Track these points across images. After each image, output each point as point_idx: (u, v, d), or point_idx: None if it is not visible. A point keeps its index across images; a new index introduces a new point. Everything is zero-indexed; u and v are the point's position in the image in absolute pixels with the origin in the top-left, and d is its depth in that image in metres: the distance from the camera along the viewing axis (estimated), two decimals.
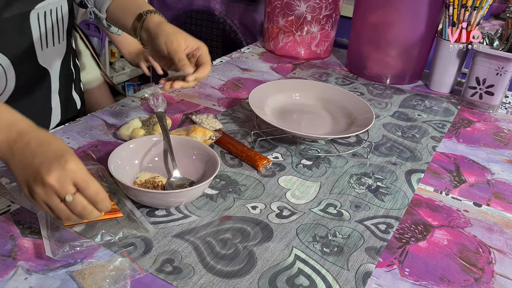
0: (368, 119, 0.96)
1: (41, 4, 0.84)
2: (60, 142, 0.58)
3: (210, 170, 0.74)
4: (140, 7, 0.87)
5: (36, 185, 0.55)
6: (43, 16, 0.85)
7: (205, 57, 0.82)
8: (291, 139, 0.96)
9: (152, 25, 0.83)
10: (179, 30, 0.83)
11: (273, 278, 0.62)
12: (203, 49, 0.82)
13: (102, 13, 0.91)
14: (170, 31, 0.81)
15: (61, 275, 0.59)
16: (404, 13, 1.25)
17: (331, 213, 0.76)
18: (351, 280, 0.63)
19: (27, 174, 0.56)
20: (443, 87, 1.30)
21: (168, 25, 0.83)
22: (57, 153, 0.56)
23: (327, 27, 1.43)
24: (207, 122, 0.95)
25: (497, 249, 0.71)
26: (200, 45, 0.83)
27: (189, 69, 0.79)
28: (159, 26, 0.82)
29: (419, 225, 0.75)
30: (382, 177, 0.87)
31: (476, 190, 0.86)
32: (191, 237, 0.67)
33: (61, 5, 0.90)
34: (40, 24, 0.85)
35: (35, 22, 0.84)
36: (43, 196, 0.55)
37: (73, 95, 1.04)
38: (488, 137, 1.07)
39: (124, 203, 0.71)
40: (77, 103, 1.06)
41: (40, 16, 0.85)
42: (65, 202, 0.56)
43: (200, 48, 0.82)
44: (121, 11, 0.90)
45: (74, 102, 1.05)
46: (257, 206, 0.76)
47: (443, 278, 0.65)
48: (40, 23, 0.85)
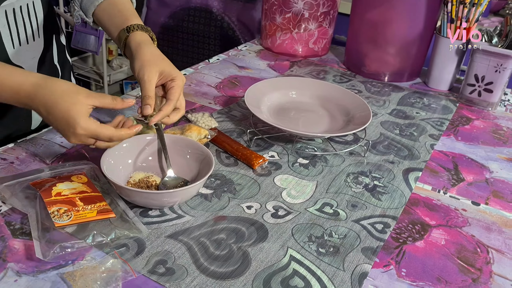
0: (365, 117, 0.94)
1: (8, 2, 0.80)
2: (64, 103, 0.66)
3: (205, 169, 0.73)
4: (124, 18, 0.83)
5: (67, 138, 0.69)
6: (11, 13, 0.82)
7: (173, 93, 0.76)
8: (287, 138, 0.95)
9: (133, 44, 0.79)
10: (158, 56, 0.77)
11: (267, 279, 0.61)
12: (177, 82, 0.76)
13: (88, 17, 0.89)
14: (145, 58, 0.76)
15: (51, 277, 0.58)
16: (402, 10, 1.24)
17: (327, 212, 0.75)
18: (347, 281, 0.62)
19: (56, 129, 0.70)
20: (441, 85, 1.29)
21: (147, 48, 0.77)
22: (64, 120, 0.66)
23: (325, 24, 1.42)
24: (202, 121, 0.94)
25: (495, 249, 0.70)
26: (176, 77, 0.76)
27: (147, 111, 0.74)
28: (138, 49, 0.78)
29: (416, 224, 0.74)
30: (380, 175, 0.86)
31: (475, 189, 0.85)
32: (185, 238, 0.66)
33: (33, 1, 0.87)
34: (9, 21, 0.82)
35: (3, 20, 0.81)
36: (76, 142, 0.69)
37: None
38: (487, 135, 1.06)
39: (117, 203, 0.70)
40: None
41: (9, 13, 0.81)
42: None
43: (174, 80, 0.76)
44: (107, 19, 0.87)
45: None
46: (252, 206, 0.75)
47: (441, 278, 0.64)
48: (9, 21, 0.82)
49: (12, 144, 0.84)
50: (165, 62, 0.77)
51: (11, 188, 0.69)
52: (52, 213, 0.63)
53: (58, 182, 0.69)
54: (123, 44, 0.81)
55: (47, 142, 0.86)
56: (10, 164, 0.78)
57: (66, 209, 0.64)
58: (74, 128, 0.66)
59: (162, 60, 0.77)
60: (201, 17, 2.24)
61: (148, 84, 0.74)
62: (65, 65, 1.03)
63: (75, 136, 0.67)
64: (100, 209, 0.66)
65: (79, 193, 0.68)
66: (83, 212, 0.65)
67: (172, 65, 0.78)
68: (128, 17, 0.84)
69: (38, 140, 0.86)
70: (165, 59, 0.78)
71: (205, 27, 2.24)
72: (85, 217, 0.64)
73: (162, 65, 0.76)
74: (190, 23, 2.27)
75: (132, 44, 0.79)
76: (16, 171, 0.76)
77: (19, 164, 0.79)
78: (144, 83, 0.74)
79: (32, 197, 0.67)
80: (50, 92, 0.67)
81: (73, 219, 0.63)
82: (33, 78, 0.69)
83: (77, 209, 0.65)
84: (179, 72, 0.78)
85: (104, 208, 0.67)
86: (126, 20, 0.83)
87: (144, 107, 0.74)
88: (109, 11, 0.87)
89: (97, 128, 0.68)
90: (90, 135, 0.68)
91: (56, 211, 0.64)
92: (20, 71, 0.70)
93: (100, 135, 0.68)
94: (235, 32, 2.18)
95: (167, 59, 0.79)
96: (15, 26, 0.84)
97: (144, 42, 0.79)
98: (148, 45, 0.79)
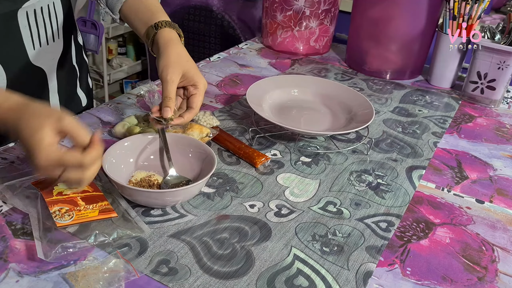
0: (368, 115, 0.94)
1: (29, 3, 0.80)
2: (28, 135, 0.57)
3: (207, 168, 0.73)
4: (152, 15, 0.81)
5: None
6: (32, 14, 0.82)
7: (195, 101, 0.75)
8: (289, 136, 0.94)
9: (161, 42, 0.77)
10: (183, 57, 0.76)
11: (271, 279, 0.60)
12: (199, 90, 0.76)
13: (115, 14, 0.88)
14: (170, 58, 0.74)
15: (53, 277, 0.57)
16: (404, 7, 1.23)
17: (330, 211, 0.74)
18: (351, 280, 0.61)
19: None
20: (444, 82, 1.28)
21: (174, 48, 0.76)
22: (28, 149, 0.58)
23: (326, 22, 1.41)
24: (204, 119, 0.94)
25: (500, 247, 0.70)
26: (198, 83, 0.75)
27: (167, 113, 0.73)
28: (165, 48, 0.76)
29: (420, 223, 0.74)
30: (383, 174, 0.85)
31: (479, 187, 0.84)
32: (188, 237, 0.66)
33: (53, 2, 0.87)
34: (30, 22, 0.82)
35: (24, 21, 0.81)
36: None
37: (78, 92, 1.01)
38: (490, 132, 1.05)
39: (118, 202, 0.69)
40: (82, 100, 1.03)
41: (30, 14, 0.81)
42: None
43: (196, 86, 0.76)
44: (134, 16, 0.85)
45: (79, 99, 1.02)
46: (255, 205, 0.74)
47: (446, 277, 0.63)
48: (30, 22, 0.82)
49: (13, 143, 0.83)
50: (189, 64, 0.76)
51: (12, 187, 0.68)
52: (53, 213, 0.63)
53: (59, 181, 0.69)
54: (151, 41, 0.80)
55: None
56: (11, 163, 0.78)
57: (68, 208, 0.64)
58: (35, 159, 0.57)
59: (186, 62, 0.76)
60: (201, 16, 2.23)
61: (169, 85, 0.73)
62: (82, 65, 1.03)
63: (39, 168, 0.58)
64: (102, 209, 0.66)
65: (81, 193, 0.67)
66: (84, 211, 0.64)
67: (196, 68, 0.77)
68: (155, 13, 0.82)
69: None
70: (190, 61, 0.76)
71: (206, 26, 2.24)
72: (86, 216, 0.64)
73: (187, 68, 0.75)
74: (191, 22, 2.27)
75: (160, 42, 0.77)
76: (17, 170, 0.76)
77: (19, 163, 0.78)
78: (166, 84, 0.73)
79: (33, 197, 0.67)
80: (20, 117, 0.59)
81: (75, 218, 0.63)
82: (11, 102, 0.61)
83: (79, 208, 0.64)
84: (202, 77, 0.76)
85: (106, 208, 0.66)
86: (153, 16, 0.81)
87: (164, 109, 0.72)
88: (135, 7, 0.85)
89: (59, 157, 0.57)
90: (54, 165, 0.57)
91: (57, 211, 0.63)
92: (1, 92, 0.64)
93: (65, 163, 0.58)
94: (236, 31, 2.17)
95: (192, 62, 0.77)
96: (36, 27, 0.84)
97: (172, 41, 0.77)
98: (176, 44, 0.77)
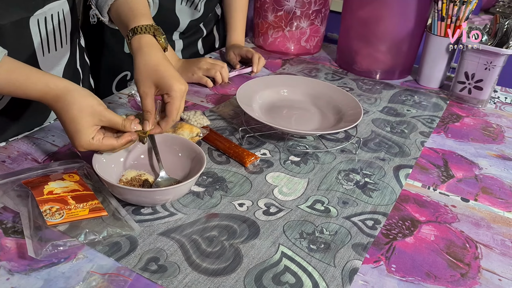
0: (356, 115, 0.95)
1: (41, 10, 0.81)
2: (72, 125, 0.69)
3: (197, 167, 0.74)
4: (132, 18, 0.78)
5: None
6: (43, 22, 0.82)
7: (169, 110, 0.73)
8: (279, 135, 0.95)
9: (133, 50, 0.75)
10: (151, 67, 0.72)
11: (259, 276, 0.61)
12: (172, 97, 0.72)
13: (103, 16, 0.86)
14: (139, 70, 0.73)
15: (44, 275, 0.58)
16: (393, 7, 1.25)
17: (318, 209, 0.75)
18: (337, 277, 0.63)
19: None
20: (432, 82, 1.30)
21: (142, 57, 0.73)
22: (70, 135, 0.70)
23: (317, 22, 1.43)
24: (194, 119, 0.95)
25: (484, 244, 0.71)
26: (171, 90, 0.72)
27: (145, 126, 0.73)
28: (135, 57, 0.74)
29: (406, 220, 0.75)
30: (370, 173, 0.87)
31: (464, 185, 0.86)
32: (177, 235, 0.67)
33: (62, 8, 0.86)
34: (40, 30, 0.82)
35: (35, 28, 0.81)
36: None
37: None
38: (476, 131, 1.07)
39: (109, 201, 0.70)
40: None
41: (40, 22, 0.82)
42: None
43: (169, 94, 0.72)
44: (118, 19, 0.83)
45: None
46: (244, 203, 0.75)
47: (430, 274, 0.65)
48: (40, 29, 0.82)
49: (4, 143, 0.84)
50: (159, 73, 0.72)
51: (3, 186, 0.69)
52: (44, 212, 0.63)
53: (50, 180, 0.70)
54: (130, 49, 0.77)
55: (39, 141, 0.86)
56: (2, 163, 0.78)
57: (58, 207, 0.64)
58: (77, 146, 0.70)
59: (155, 71, 0.72)
60: None
61: (144, 99, 0.73)
62: (84, 68, 1.03)
63: (78, 148, 0.71)
64: (92, 207, 0.66)
65: (71, 192, 0.68)
66: (75, 210, 0.65)
67: (167, 75, 0.73)
68: (135, 16, 0.78)
69: (30, 139, 0.86)
70: (158, 70, 0.72)
71: None
72: (77, 215, 0.64)
73: (156, 77, 0.72)
74: None
75: (132, 51, 0.75)
76: (8, 170, 0.76)
77: (10, 162, 0.79)
78: (141, 99, 0.74)
79: (24, 196, 0.67)
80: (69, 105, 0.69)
81: (65, 217, 0.63)
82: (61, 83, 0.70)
83: (69, 207, 0.65)
84: (177, 82, 0.72)
85: (96, 207, 0.67)
86: (133, 20, 0.78)
87: (143, 122, 0.74)
88: (121, 10, 0.82)
89: (99, 146, 0.71)
90: (90, 150, 0.72)
91: (48, 210, 0.64)
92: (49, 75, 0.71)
93: (101, 148, 0.71)
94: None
95: (162, 68, 0.73)
96: (46, 35, 0.84)
97: (141, 49, 0.74)
98: (144, 53, 0.74)
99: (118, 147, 0.73)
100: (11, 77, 0.68)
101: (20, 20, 0.78)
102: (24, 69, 0.69)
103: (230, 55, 1.31)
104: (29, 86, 0.69)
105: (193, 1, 1.27)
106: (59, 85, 0.69)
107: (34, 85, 0.68)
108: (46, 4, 0.81)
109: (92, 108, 0.69)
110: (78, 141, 0.69)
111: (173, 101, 0.73)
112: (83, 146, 0.70)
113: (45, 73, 0.70)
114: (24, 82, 0.68)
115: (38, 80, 0.69)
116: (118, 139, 0.72)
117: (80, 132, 0.69)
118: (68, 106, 0.68)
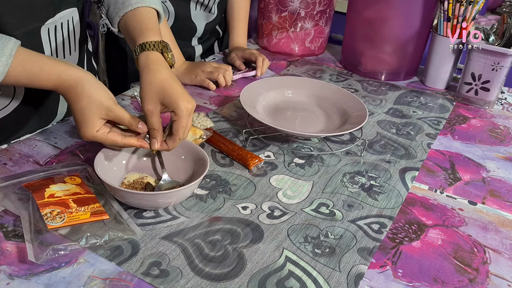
0: (362, 117, 0.94)
1: (52, 19, 0.81)
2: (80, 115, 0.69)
3: (200, 170, 0.73)
4: (140, 34, 0.77)
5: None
6: (53, 31, 0.83)
7: (175, 128, 0.72)
8: (283, 138, 0.94)
9: (139, 68, 0.74)
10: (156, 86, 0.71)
11: (263, 281, 0.60)
12: (178, 116, 0.71)
13: (114, 27, 0.86)
14: (144, 89, 0.72)
15: (44, 280, 0.57)
16: (399, 8, 1.23)
17: (323, 213, 0.74)
18: (342, 282, 0.61)
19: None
20: (438, 83, 1.29)
21: (147, 76, 0.72)
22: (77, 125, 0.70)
23: (321, 23, 1.41)
24: (198, 121, 0.94)
25: (492, 249, 0.70)
26: (177, 108, 0.70)
27: (154, 145, 0.72)
28: (141, 75, 0.73)
29: (413, 224, 0.74)
30: (376, 175, 0.85)
31: (471, 188, 0.84)
32: (180, 239, 0.66)
33: (72, 16, 0.87)
34: (50, 39, 0.83)
35: (46, 37, 0.82)
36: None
37: None
38: (483, 133, 1.06)
39: (111, 204, 0.69)
40: None
41: (51, 31, 0.82)
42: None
43: (175, 113, 0.71)
44: (126, 34, 0.82)
45: None
46: (247, 207, 0.74)
47: (437, 279, 0.64)
48: (50, 38, 0.83)
49: (6, 145, 0.83)
50: (164, 92, 0.71)
51: (4, 189, 0.68)
52: (45, 215, 0.63)
53: (51, 183, 0.69)
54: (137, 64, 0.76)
55: (41, 143, 0.85)
56: (3, 165, 0.78)
57: (59, 211, 0.64)
58: (83, 136, 0.71)
59: (161, 89, 0.71)
60: None
61: (150, 118, 0.72)
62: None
63: (83, 138, 0.71)
64: (94, 211, 0.65)
65: (73, 195, 0.67)
66: (76, 214, 0.64)
67: (173, 92, 0.71)
68: (143, 31, 0.77)
69: (31, 141, 0.85)
70: (164, 88, 0.71)
71: None
72: (78, 219, 0.64)
73: (161, 95, 0.71)
74: None
75: (140, 68, 0.74)
76: (9, 172, 0.76)
77: (12, 165, 0.78)
78: (147, 117, 0.72)
79: (25, 199, 0.66)
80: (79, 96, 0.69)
81: (66, 221, 0.63)
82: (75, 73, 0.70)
83: (71, 211, 0.64)
84: (184, 100, 0.71)
85: (98, 210, 0.66)
86: (140, 35, 0.77)
87: (151, 140, 0.73)
88: (129, 24, 0.81)
89: (103, 139, 0.71)
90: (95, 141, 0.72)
91: (49, 213, 0.63)
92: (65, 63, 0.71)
93: (105, 142, 0.71)
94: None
95: (168, 86, 0.71)
96: (55, 43, 0.85)
97: (147, 67, 0.73)
98: (151, 70, 0.72)
99: (121, 145, 0.72)
100: (25, 68, 0.68)
101: (32, 29, 0.79)
102: (38, 60, 0.69)
103: (233, 57, 1.31)
104: (43, 78, 0.69)
105: (207, 5, 1.29)
106: (72, 75, 0.69)
107: (48, 76, 0.69)
108: (57, 13, 0.82)
109: (101, 101, 0.69)
110: (83, 131, 0.70)
111: (179, 120, 0.71)
112: (87, 137, 0.70)
113: (59, 62, 0.70)
114: (38, 73, 0.69)
115: (52, 71, 0.69)
116: (123, 138, 0.71)
117: (86, 122, 0.69)
118: (78, 97, 0.69)
